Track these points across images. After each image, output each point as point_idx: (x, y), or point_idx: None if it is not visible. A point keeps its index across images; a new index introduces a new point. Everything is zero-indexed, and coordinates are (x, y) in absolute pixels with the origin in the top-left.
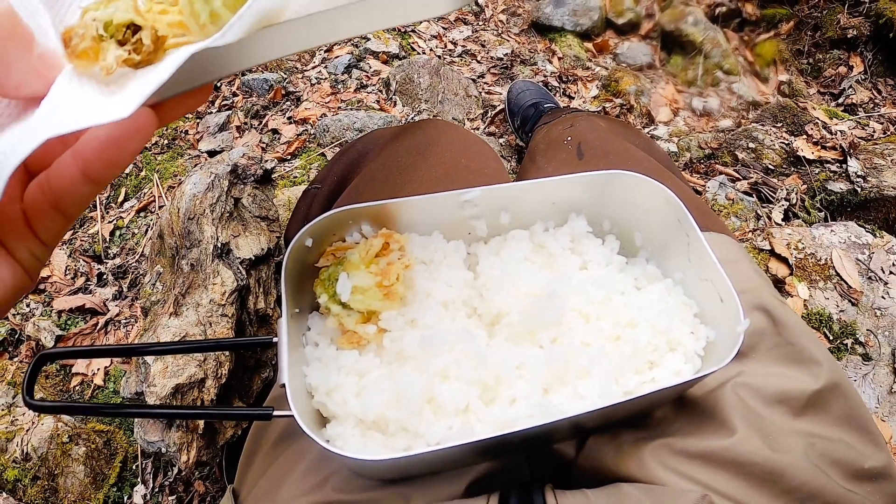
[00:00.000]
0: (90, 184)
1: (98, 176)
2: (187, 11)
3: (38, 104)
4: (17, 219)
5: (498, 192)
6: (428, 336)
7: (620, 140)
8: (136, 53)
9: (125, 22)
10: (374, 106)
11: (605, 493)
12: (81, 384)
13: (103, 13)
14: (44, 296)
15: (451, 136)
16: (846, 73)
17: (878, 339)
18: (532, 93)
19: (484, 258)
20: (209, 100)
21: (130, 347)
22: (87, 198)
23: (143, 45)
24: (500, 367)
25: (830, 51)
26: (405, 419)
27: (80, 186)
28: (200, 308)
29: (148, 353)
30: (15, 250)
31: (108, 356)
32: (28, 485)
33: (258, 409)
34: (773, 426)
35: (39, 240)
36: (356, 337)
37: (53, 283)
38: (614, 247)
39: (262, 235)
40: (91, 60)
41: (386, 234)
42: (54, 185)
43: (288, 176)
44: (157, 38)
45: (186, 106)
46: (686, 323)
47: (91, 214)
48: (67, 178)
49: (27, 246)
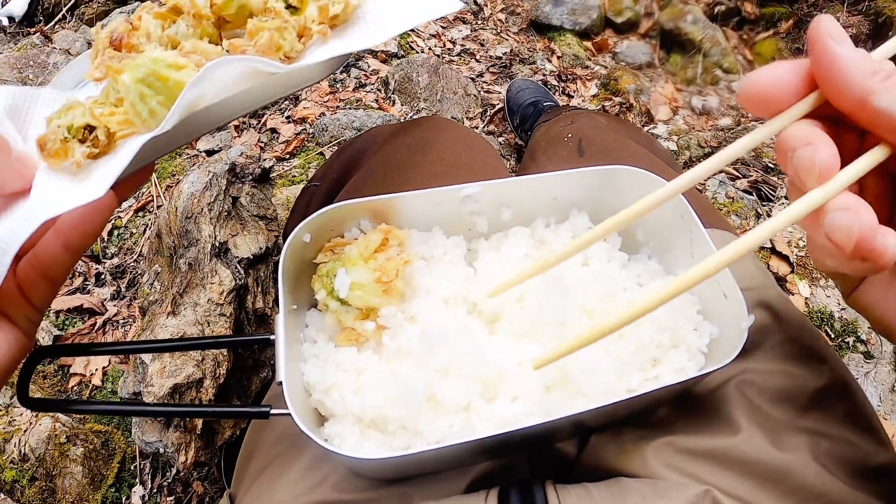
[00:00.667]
0: (70, 253)
1: (76, 245)
2: (131, 112)
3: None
4: (14, 292)
5: (498, 187)
6: (428, 332)
7: (621, 137)
8: (95, 148)
9: (83, 125)
10: (373, 105)
11: (606, 486)
12: (79, 384)
13: (65, 120)
14: None
15: (451, 133)
16: None
17: (880, 337)
18: (531, 91)
19: (484, 254)
20: None
21: (128, 345)
22: (69, 266)
23: (99, 141)
24: (501, 363)
25: None
26: (404, 417)
27: (62, 256)
28: (198, 308)
29: (146, 350)
30: (14, 318)
31: (104, 354)
32: (26, 486)
33: (256, 407)
34: (777, 424)
35: (33, 306)
36: (354, 334)
37: None
38: (616, 243)
39: (260, 234)
40: (61, 158)
41: (385, 230)
42: (41, 258)
43: (286, 175)
44: (109, 134)
45: (136, 183)
46: (689, 320)
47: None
48: (51, 251)
49: (24, 313)
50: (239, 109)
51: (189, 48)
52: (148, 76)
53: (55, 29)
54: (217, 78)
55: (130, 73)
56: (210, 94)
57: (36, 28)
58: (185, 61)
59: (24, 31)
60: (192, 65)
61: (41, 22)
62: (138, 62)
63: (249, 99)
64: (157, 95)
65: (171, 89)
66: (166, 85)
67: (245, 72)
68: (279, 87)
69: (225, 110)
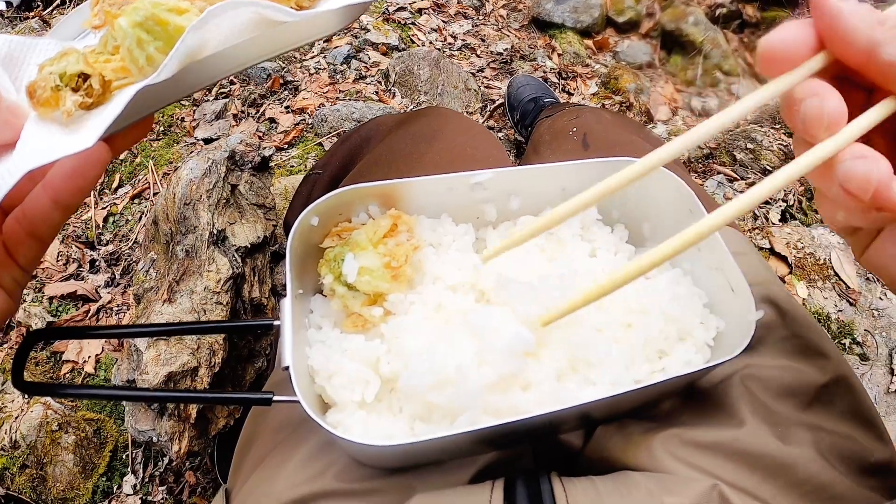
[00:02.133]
0: (60, 210)
1: (66, 202)
2: (128, 59)
3: (7, 150)
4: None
5: (509, 175)
6: None
7: (626, 133)
8: (89, 97)
9: (77, 72)
10: (373, 97)
11: (612, 480)
12: (72, 371)
13: (58, 67)
14: (35, 281)
15: (456, 124)
16: None
17: (876, 340)
18: (532, 88)
19: (493, 243)
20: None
21: (127, 328)
22: (58, 223)
23: (93, 90)
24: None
25: None
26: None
27: (51, 213)
28: (195, 295)
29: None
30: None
31: (102, 337)
32: (16, 473)
33: (257, 393)
34: (781, 419)
35: (19, 266)
36: (361, 320)
37: (45, 268)
38: (623, 235)
39: (258, 223)
40: (52, 107)
41: (394, 215)
42: (29, 214)
43: (285, 165)
44: (105, 83)
45: (133, 136)
46: (696, 313)
47: (85, 200)
48: (41, 208)
49: (9, 273)
50: (244, 60)
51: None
52: (146, 20)
53: (53, 14)
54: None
55: (128, 17)
56: (213, 41)
57: (34, 13)
58: (187, 5)
59: (21, 16)
60: (196, 10)
61: (39, 7)
62: (137, 6)
63: (256, 49)
64: (156, 41)
65: (170, 34)
66: (166, 30)
67: (252, 19)
68: (289, 37)
69: (229, 61)
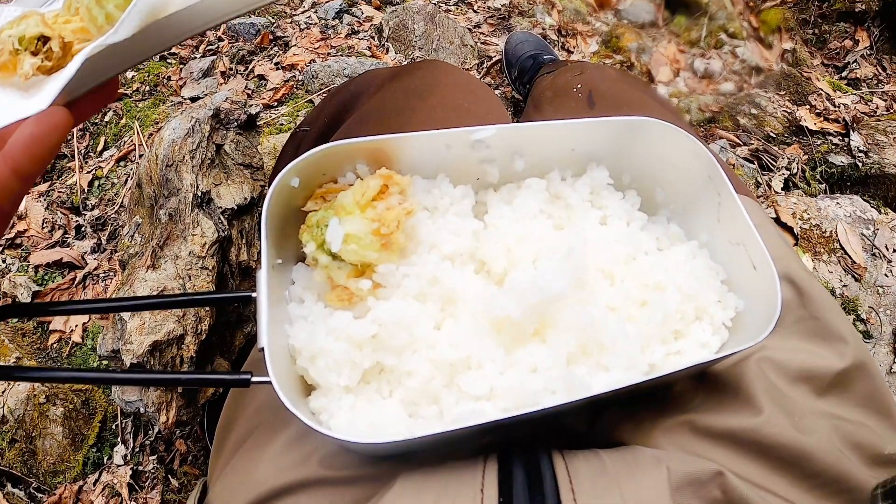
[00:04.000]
0: (20, 180)
1: (26, 171)
2: (87, 18)
3: None
4: None
5: (513, 132)
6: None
7: (633, 90)
8: (48, 60)
9: (36, 35)
10: (366, 52)
11: (619, 454)
12: (59, 342)
13: (17, 30)
14: (20, 250)
15: (452, 78)
16: (851, 46)
17: (880, 318)
18: (531, 44)
19: (494, 207)
20: (193, 45)
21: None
22: (19, 194)
23: (53, 53)
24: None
25: (837, 23)
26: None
27: (11, 183)
28: (179, 260)
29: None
30: None
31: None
32: (5, 448)
33: (234, 374)
34: (796, 406)
35: None
36: (347, 293)
37: (30, 236)
38: (635, 202)
39: (245, 184)
40: (10, 72)
41: (385, 175)
42: None
43: (274, 123)
44: (65, 45)
45: (97, 102)
46: (713, 290)
47: (69, 165)
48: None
49: None
50: (213, 17)
51: None
52: None
53: None
54: None
55: None
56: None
57: None
58: None
59: None
60: None
61: None
62: None
63: (227, 4)
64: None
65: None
66: None
67: None
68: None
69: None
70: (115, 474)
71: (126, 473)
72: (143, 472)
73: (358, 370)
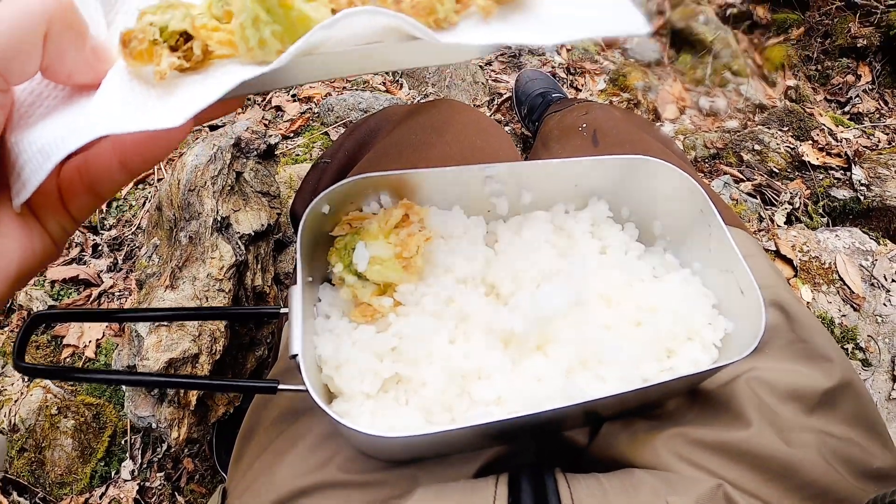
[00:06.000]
0: (126, 173)
1: (134, 167)
2: (239, 34)
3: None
4: (53, 194)
5: (522, 169)
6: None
7: (637, 130)
8: (186, 61)
9: (180, 30)
10: (381, 87)
11: (618, 478)
12: (72, 356)
13: (160, 18)
14: None
15: (466, 116)
16: (854, 81)
17: (879, 346)
18: (540, 82)
19: (503, 236)
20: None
21: (132, 312)
22: (121, 184)
23: (192, 54)
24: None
25: (839, 59)
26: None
27: (116, 174)
28: (197, 282)
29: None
30: (46, 222)
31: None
32: (14, 456)
33: (263, 381)
34: (786, 422)
35: (70, 215)
36: (370, 310)
37: None
38: (633, 234)
39: (262, 211)
40: (144, 62)
41: (407, 205)
42: (92, 169)
43: (290, 154)
44: (206, 50)
45: (220, 111)
46: (704, 314)
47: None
48: (105, 165)
49: (58, 219)
50: (354, 68)
51: None
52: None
53: None
54: (350, 25)
55: None
56: (334, 39)
57: None
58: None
59: None
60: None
61: None
62: None
63: (371, 60)
64: (274, 24)
65: (292, 21)
66: (288, 14)
67: (385, 27)
68: (409, 55)
69: (341, 64)
70: (122, 489)
71: (133, 489)
72: (150, 488)
73: (379, 379)
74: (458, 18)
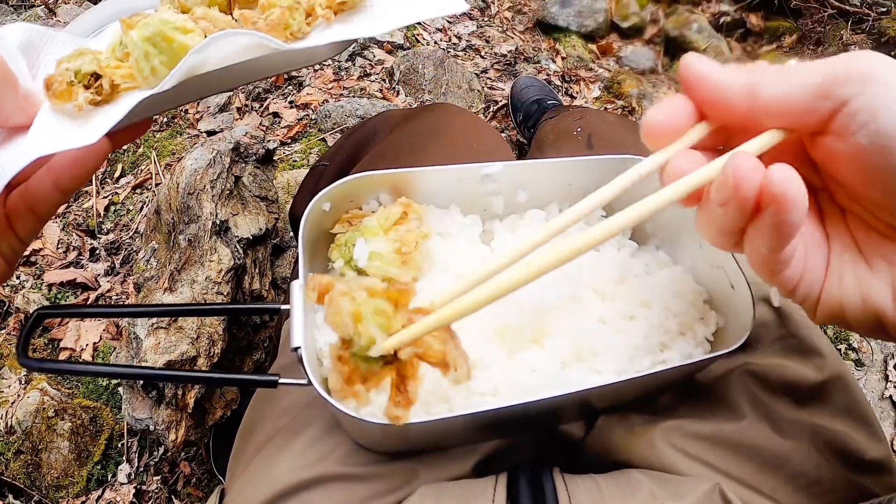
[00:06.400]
0: (60, 193)
1: (66, 186)
2: (135, 68)
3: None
4: (1, 220)
5: (517, 168)
6: None
7: (630, 134)
8: (98, 95)
9: (91, 72)
10: (377, 94)
11: (614, 479)
12: (69, 359)
13: (74, 64)
14: (35, 268)
15: (462, 120)
16: None
17: (871, 346)
18: (536, 89)
19: (499, 235)
20: None
21: (135, 308)
22: (57, 204)
23: (103, 89)
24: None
25: None
26: None
27: (51, 194)
28: (196, 285)
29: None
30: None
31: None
32: (11, 459)
33: (264, 375)
34: (778, 414)
35: (18, 237)
36: None
37: (45, 255)
38: (626, 232)
39: (260, 215)
40: (65, 100)
41: (405, 203)
42: (32, 192)
43: (287, 159)
44: (113, 85)
45: (132, 134)
46: (696, 308)
47: (86, 189)
48: (42, 188)
49: (8, 243)
50: (238, 79)
51: (199, 14)
52: (155, 35)
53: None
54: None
55: (139, 30)
56: (213, 60)
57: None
58: (192, 26)
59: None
60: (200, 30)
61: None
62: (148, 21)
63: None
64: (161, 55)
65: (175, 51)
66: (171, 46)
67: (250, 44)
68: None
69: (225, 78)
70: (119, 492)
71: (129, 492)
72: (147, 491)
73: None
74: (310, 29)
